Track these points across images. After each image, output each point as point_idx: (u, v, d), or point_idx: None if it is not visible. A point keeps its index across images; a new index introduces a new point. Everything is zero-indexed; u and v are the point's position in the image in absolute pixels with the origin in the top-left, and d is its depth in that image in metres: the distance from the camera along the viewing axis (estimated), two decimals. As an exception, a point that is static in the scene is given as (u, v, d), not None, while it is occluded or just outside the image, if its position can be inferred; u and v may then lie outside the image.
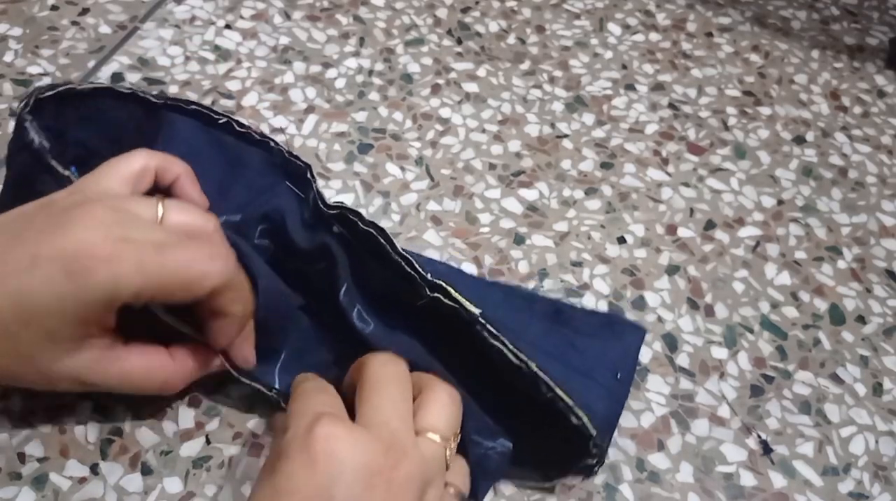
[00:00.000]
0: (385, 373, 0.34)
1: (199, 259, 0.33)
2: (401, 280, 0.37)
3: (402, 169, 0.51)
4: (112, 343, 0.34)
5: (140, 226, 0.33)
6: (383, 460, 0.30)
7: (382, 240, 0.37)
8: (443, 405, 0.34)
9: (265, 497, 0.29)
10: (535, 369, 0.35)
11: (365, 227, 0.38)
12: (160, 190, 0.38)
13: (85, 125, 0.41)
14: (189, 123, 0.42)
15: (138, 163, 0.36)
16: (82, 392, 0.36)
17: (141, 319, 0.34)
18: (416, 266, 0.36)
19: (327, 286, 0.38)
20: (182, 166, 0.38)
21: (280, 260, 0.39)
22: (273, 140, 0.42)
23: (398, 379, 0.34)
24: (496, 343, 0.35)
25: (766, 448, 0.41)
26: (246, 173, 0.42)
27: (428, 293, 0.36)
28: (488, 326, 0.35)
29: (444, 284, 0.36)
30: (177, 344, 0.36)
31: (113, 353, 0.34)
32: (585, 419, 0.35)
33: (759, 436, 0.42)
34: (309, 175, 0.41)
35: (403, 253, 0.37)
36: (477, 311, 0.35)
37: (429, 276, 0.36)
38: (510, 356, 0.35)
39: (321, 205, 0.40)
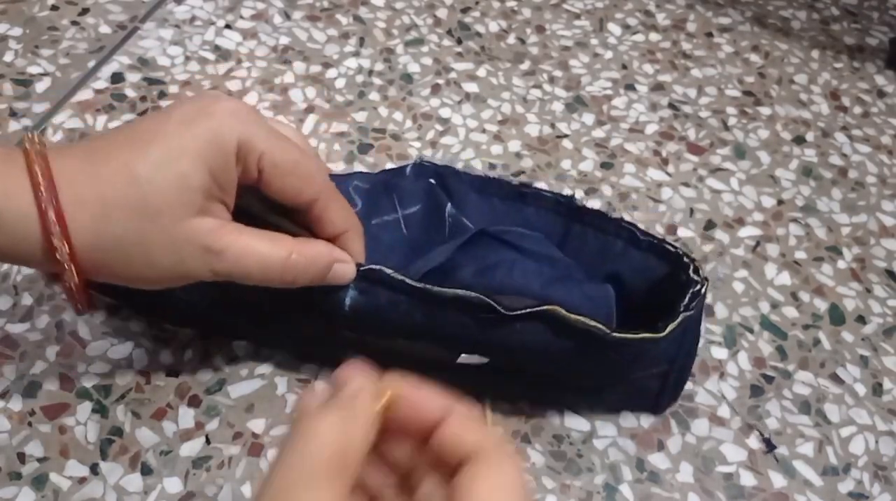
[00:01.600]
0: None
1: (312, 164, 0.33)
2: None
3: (402, 169, 0.51)
4: (224, 224, 0.32)
5: (272, 128, 0.33)
6: None
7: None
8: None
9: None
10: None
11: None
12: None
13: None
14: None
15: None
16: (207, 276, 0.32)
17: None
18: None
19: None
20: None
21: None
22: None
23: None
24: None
25: (770, 446, 0.41)
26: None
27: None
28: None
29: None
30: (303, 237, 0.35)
31: (235, 225, 0.32)
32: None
33: (762, 434, 0.42)
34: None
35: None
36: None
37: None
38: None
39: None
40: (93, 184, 0.30)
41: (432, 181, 0.43)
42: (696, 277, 0.37)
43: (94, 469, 0.37)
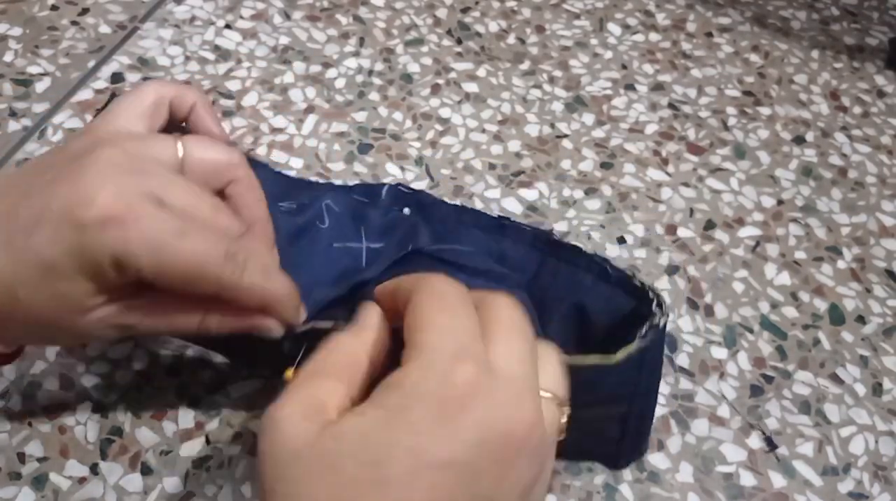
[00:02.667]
0: (509, 311, 0.27)
1: (214, 257, 0.29)
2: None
3: (402, 169, 0.51)
4: (138, 291, 0.30)
5: (162, 177, 0.29)
6: (536, 435, 0.24)
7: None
8: (549, 355, 0.28)
9: (392, 442, 0.23)
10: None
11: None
12: (177, 124, 0.35)
13: None
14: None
15: (151, 96, 0.33)
16: (122, 336, 0.31)
17: None
18: None
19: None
20: (196, 93, 0.35)
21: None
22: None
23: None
24: None
25: (771, 444, 0.41)
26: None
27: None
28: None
29: None
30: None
31: (140, 301, 0.30)
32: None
33: (763, 432, 0.42)
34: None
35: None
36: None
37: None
38: None
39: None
40: None
41: (407, 211, 0.42)
42: (657, 310, 0.36)
43: (94, 469, 0.37)
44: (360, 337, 0.28)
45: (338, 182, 0.44)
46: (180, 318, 0.30)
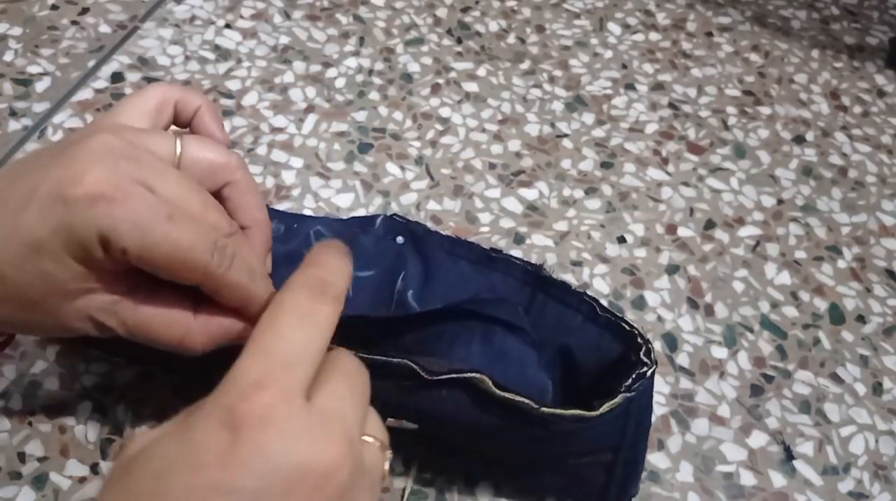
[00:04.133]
0: (349, 360, 0.27)
1: (202, 245, 0.28)
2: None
3: (402, 168, 0.51)
4: (126, 290, 0.29)
5: (155, 166, 0.29)
6: (340, 475, 0.23)
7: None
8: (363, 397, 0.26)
9: (169, 455, 0.23)
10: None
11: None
12: (180, 127, 0.35)
13: None
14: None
15: (156, 97, 0.33)
16: (100, 335, 0.31)
17: None
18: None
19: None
20: (202, 98, 0.35)
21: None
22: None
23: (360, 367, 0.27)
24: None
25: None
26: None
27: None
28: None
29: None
30: (206, 302, 0.31)
31: (126, 301, 0.30)
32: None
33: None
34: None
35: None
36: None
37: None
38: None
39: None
40: None
41: (401, 240, 0.42)
42: (645, 359, 0.35)
43: (95, 469, 0.37)
44: None
45: (328, 213, 0.44)
46: (164, 325, 0.30)
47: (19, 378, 0.40)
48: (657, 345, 0.45)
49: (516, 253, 0.48)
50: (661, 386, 0.43)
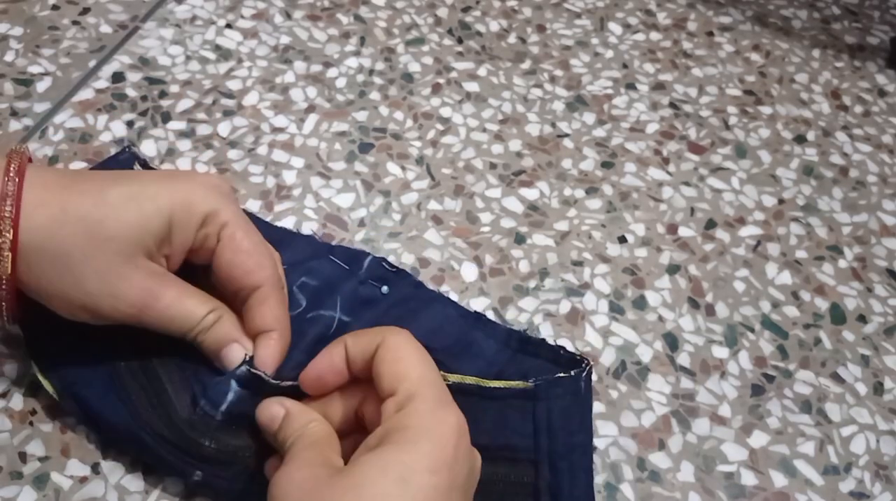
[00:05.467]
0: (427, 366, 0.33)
1: (266, 251, 0.37)
2: None
3: (403, 168, 0.51)
4: (165, 272, 0.34)
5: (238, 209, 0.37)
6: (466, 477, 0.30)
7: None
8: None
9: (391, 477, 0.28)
10: None
11: None
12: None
13: None
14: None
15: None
16: (127, 315, 0.33)
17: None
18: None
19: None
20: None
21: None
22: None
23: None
24: None
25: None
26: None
27: None
28: None
29: None
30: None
31: (174, 277, 0.35)
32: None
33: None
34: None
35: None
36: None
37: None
38: None
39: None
40: (60, 193, 0.32)
41: (385, 289, 0.41)
42: (570, 372, 0.37)
43: (96, 469, 0.37)
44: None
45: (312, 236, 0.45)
46: (196, 306, 0.35)
47: (21, 377, 0.40)
48: (658, 345, 0.45)
49: (517, 252, 0.48)
50: (662, 386, 0.43)
